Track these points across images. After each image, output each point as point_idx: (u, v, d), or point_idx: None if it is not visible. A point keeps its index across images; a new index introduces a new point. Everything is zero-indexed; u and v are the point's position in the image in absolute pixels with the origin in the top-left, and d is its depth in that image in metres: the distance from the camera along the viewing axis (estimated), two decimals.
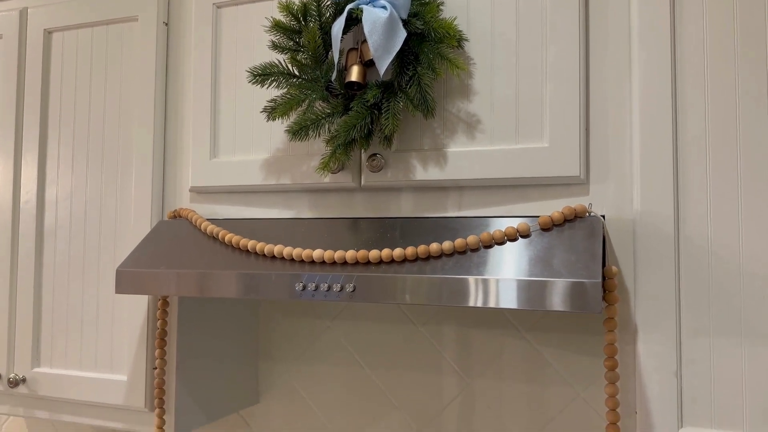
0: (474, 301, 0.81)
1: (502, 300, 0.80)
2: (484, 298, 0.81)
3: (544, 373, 1.19)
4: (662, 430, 0.84)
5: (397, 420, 1.28)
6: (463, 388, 1.24)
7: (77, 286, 1.19)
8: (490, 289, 0.81)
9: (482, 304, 0.81)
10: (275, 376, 1.37)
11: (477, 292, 0.81)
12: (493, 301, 0.81)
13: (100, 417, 1.17)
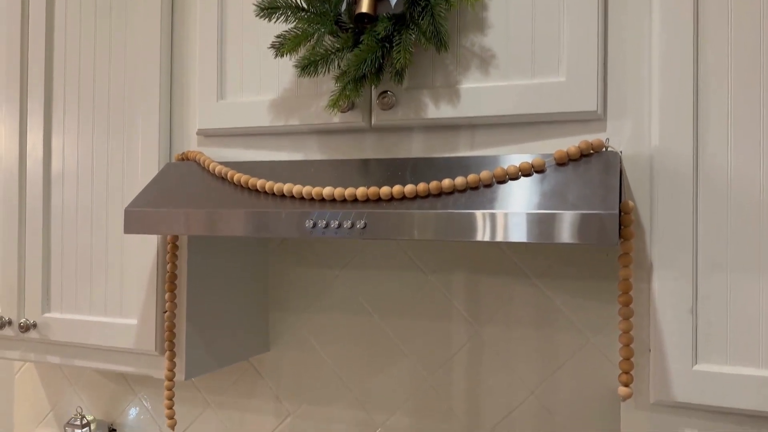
0: (484, 235, 0.80)
1: (514, 234, 0.79)
2: (496, 233, 0.80)
3: (553, 319, 1.18)
4: (676, 367, 0.83)
5: (406, 367, 1.28)
6: (472, 335, 1.23)
7: (86, 231, 1.18)
8: (502, 223, 0.79)
9: (491, 238, 0.80)
10: (285, 325, 1.37)
11: (488, 227, 0.80)
12: (504, 234, 0.79)
13: (110, 361, 1.18)
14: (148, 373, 1.15)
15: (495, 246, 1.22)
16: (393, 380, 1.29)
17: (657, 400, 0.84)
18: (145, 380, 1.50)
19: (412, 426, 1.27)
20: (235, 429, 1.41)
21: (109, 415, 1.54)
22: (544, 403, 1.18)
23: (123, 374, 1.53)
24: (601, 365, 1.15)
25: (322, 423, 1.34)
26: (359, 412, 1.31)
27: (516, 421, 1.20)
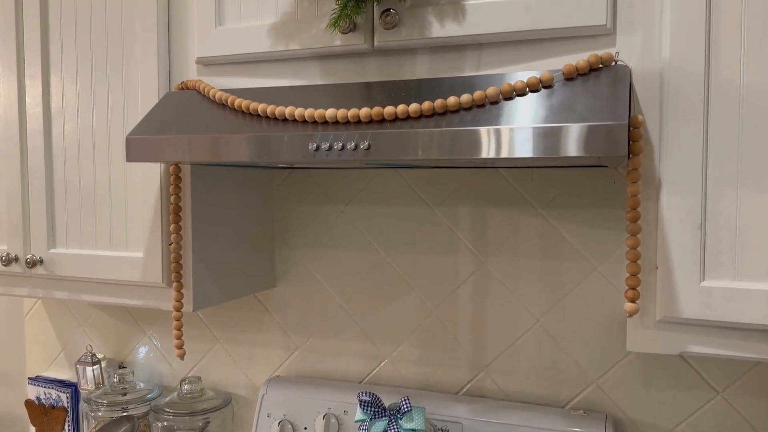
0: (489, 152, 0.78)
1: (520, 149, 0.77)
2: (501, 149, 0.78)
3: (559, 249, 1.17)
4: (683, 284, 0.83)
5: (412, 300, 1.28)
6: (477, 267, 1.23)
7: (88, 165, 1.18)
8: (508, 139, 0.78)
9: (496, 154, 0.78)
10: (291, 262, 1.38)
11: (493, 143, 0.78)
12: (509, 150, 0.77)
13: (118, 295, 1.18)
14: (156, 305, 1.15)
15: (500, 176, 1.21)
16: (399, 313, 1.30)
17: (663, 318, 0.85)
18: (154, 318, 1.52)
19: (419, 357, 1.29)
20: (244, 363, 1.43)
21: (119, 353, 1.57)
22: (549, 331, 1.19)
23: (131, 313, 1.54)
24: (607, 293, 1.15)
25: (329, 356, 1.36)
26: (366, 345, 1.33)
27: (521, 349, 1.21)
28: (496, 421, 1.14)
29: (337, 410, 1.24)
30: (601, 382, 1.16)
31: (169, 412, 1.31)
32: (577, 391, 1.18)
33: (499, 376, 1.23)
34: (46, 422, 1.54)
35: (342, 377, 1.35)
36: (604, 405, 1.16)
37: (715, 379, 1.09)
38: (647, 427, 1.13)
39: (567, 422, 1.11)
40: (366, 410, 1.06)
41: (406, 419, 1.05)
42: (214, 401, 1.36)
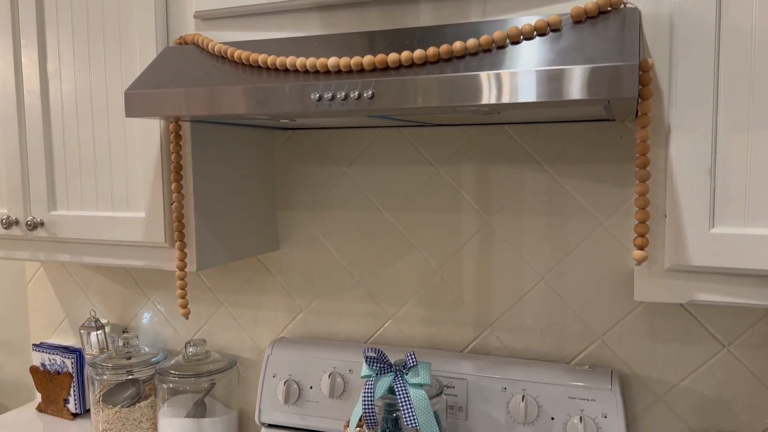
0: (490, 98, 0.76)
1: (524, 93, 0.75)
2: (503, 94, 0.76)
3: (565, 205, 1.16)
4: (693, 231, 0.82)
5: (416, 260, 1.28)
6: (482, 225, 1.22)
7: (87, 125, 1.16)
8: (508, 84, 0.76)
9: (497, 100, 0.76)
10: (294, 224, 1.37)
11: (494, 88, 0.76)
12: (512, 95, 0.76)
13: (121, 256, 1.18)
14: (160, 266, 1.15)
15: (505, 133, 1.19)
16: (403, 273, 1.29)
17: (672, 266, 0.84)
18: (157, 283, 1.51)
19: (423, 316, 1.28)
20: (249, 326, 1.43)
21: (123, 319, 1.57)
22: (554, 288, 1.18)
23: (134, 278, 1.54)
24: (613, 248, 1.14)
25: (334, 317, 1.36)
26: (370, 305, 1.32)
27: (525, 306, 1.21)
28: (501, 377, 1.14)
29: (342, 369, 1.25)
30: (607, 338, 1.16)
31: (175, 374, 1.31)
32: (582, 347, 1.18)
33: (504, 333, 1.23)
34: (52, 388, 1.55)
35: (347, 338, 1.35)
36: (610, 360, 1.16)
37: (722, 332, 1.09)
38: (653, 381, 1.13)
39: (572, 377, 1.11)
40: (372, 366, 1.06)
41: (412, 374, 1.04)
42: (220, 363, 1.36)
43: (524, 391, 1.12)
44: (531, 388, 1.12)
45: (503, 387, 1.14)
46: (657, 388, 1.13)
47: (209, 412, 1.33)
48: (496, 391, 1.14)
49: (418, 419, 1.00)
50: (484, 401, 1.14)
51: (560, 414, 1.09)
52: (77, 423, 1.51)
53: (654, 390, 1.13)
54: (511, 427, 1.12)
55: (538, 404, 1.11)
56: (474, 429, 1.14)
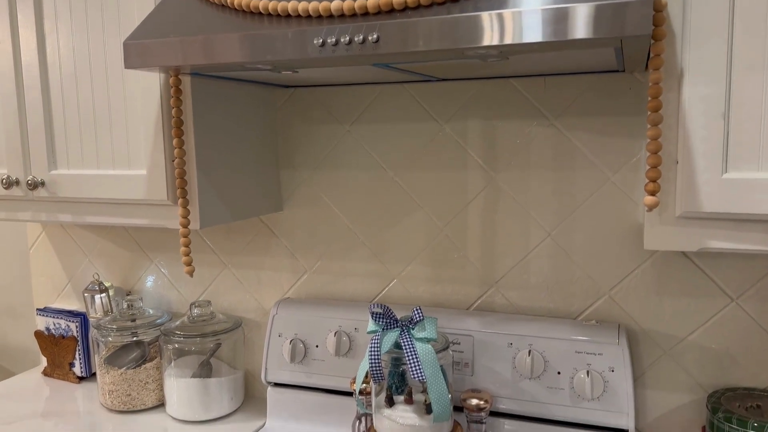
0: (492, 39, 0.74)
1: (529, 34, 0.73)
2: (505, 34, 0.74)
3: (572, 159, 1.15)
4: (705, 177, 0.81)
5: (421, 218, 1.27)
6: (488, 182, 1.21)
7: (85, 83, 1.14)
8: (511, 24, 0.74)
9: (500, 41, 0.74)
10: (297, 184, 1.35)
11: (496, 28, 0.74)
12: (515, 35, 0.73)
13: (123, 215, 1.16)
14: (163, 224, 1.14)
15: (511, 87, 1.17)
16: (408, 232, 1.28)
17: (683, 213, 0.82)
18: (160, 245, 1.51)
19: (428, 275, 1.27)
20: (253, 288, 1.43)
21: (126, 283, 1.56)
22: (560, 245, 1.17)
23: (137, 241, 1.53)
24: (621, 203, 1.13)
25: (339, 277, 1.35)
26: (375, 265, 1.32)
27: (531, 263, 1.20)
28: (507, 333, 1.14)
29: (348, 328, 1.24)
30: (614, 293, 1.15)
31: (180, 335, 1.31)
32: (588, 303, 1.17)
33: (510, 291, 1.22)
34: (57, 352, 1.55)
35: (352, 298, 1.34)
36: (617, 316, 1.15)
37: (730, 285, 1.08)
38: (660, 336, 1.13)
39: (579, 332, 1.10)
40: (378, 321, 1.06)
41: (418, 329, 1.04)
42: (225, 324, 1.36)
43: (530, 346, 1.12)
44: (537, 343, 1.11)
45: (509, 342, 1.13)
46: (664, 342, 1.13)
47: (215, 373, 1.33)
48: (502, 346, 1.14)
49: (425, 372, 1.00)
50: (490, 357, 1.14)
51: (567, 368, 1.09)
52: (83, 386, 1.51)
53: (661, 344, 1.13)
54: (517, 381, 1.12)
55: (544, 359, 1.10)
56: (480, 384, 1.14)
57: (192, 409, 1.31)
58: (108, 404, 1.37)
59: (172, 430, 1.29)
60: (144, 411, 1.37)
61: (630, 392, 1.05)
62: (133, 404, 1.36)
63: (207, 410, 1.31)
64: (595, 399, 1.07)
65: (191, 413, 1.31)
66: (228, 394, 1.33)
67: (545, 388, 1.10)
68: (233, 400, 1.35)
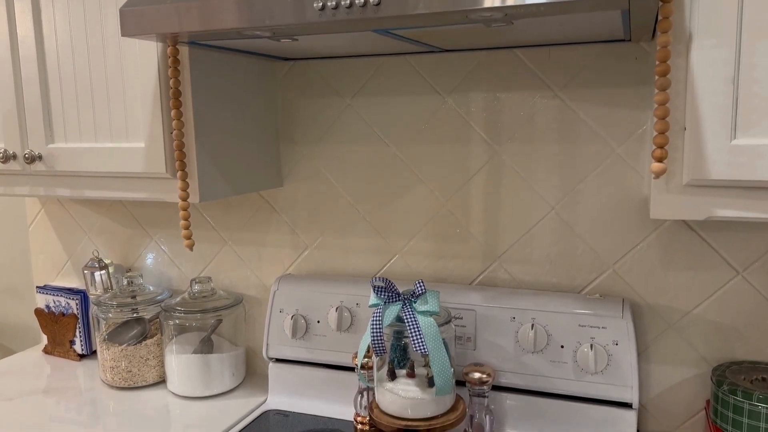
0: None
1: None
2: None
3: (577, 131, 1.13)
4: (713, 143, 0.79)
5: (422, 193, 1.25)
6: (491, 156, 1.19)
7: (82, 53, 1.12)
8: None
9: (502, 1, 0.72)
10: (297, 159, 1.34)
11: None
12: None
13: (121, 189, 1.15)
14: (162, 197, 1.12)
15: (515, 57, 1.15)
16: (410, 207, 1.27)
17: (690, 180, 0.81)
18: (160, 222, 1.50)
19: (430, 250, 1.26)
20: (254, 264, 1.42)
21: (126, 260, 1.55)
22: (564, 218, 1.16)
23: (136, 218, 1.52)
24: (626, 175, 1.11)
25: (340, 253, 1.34)
26: (377, 241, 1.30)
27: (535, 237, 1.18)
28: (509, 307, 1.13)
29: (349, 303, 1.23)
30: (618, 267, 1.14)
31: (180, 311, 1.30)
32: (592, 277, 1.16)
33: (513, 265, 1.21)
34: (57, 330, 1.55)
35: (353, 274, 1.33)
36: (621, 290, 1.14)
37: (736, 258, 1.07)
38: (664, 310, 1.12)
39: (582, 306, 1.09)
40: (379, 295, 1.05)
41: (421, 302, 1.03)
42: (226, 300, 1.35)
43: (533, 320, 1.11)
44: (540, 317, 1.10)
45: (512, 317, 1.12)
46: (669, 316, 1.12)
47: (216, 349, 1.32)
48: (505, 320, 1.13)
49: (427, 345, 0.99)
50: (493, 331, 1.13)
51: (570, 342, 1.08)
52: (84, 364, 1.51)
53: (666, 318, 1.12)
54: (519, 355, 1.11)
55: (547, 333, 1.10)
56: (482, 358, 1.14)
57: (193, 385, 1.30)
58: (109, 381, 1.37)
59: (173, 405, 1.29)
60: (145, 387, 1.37)
61: (634, 366, 1.04)
62: (134, 381, 1.36)
63: (208, 386, 1.31)
64: (598, 373, 1.06)
65: (192, 389, 1.30)
66: (229, 370, 1.33)
67: (548, 362, 1.09)
68: (234, 376, 1.34)
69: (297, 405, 1.27)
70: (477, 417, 1.09)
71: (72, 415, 1.24)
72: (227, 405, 1.28)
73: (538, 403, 1.11)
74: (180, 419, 1.23)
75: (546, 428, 1.11)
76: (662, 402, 1.14)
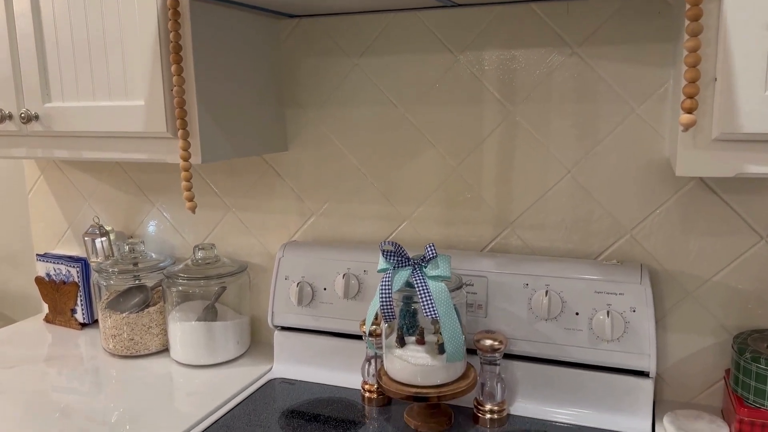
0: None
1: None
2: None
3: (596, 90, 1.08)
4: (745, 95, 0.74)
5: (433, 157, 1.21)
6: (505, 117, 1.14)
7: (78, 7, 1.07)
8: None
9: None
10: (302, 122, 1.29)
11: None
12: None
13: (120, 150, 1.11)
14: (162, 158, 1.08)
15: (532, 12, 1.09)
16: (419, 172, 1.22)
17: (720, 134, 0.76)
18: (162, 188, 1.46)
19: (440, 216, 1.22)
20: (258, 232, 1.38)
21: (128, 228, 1.52)
22: (580, 182, 1.12)
23: (138, 184, 1.48)
24: (646, 136, 1.07)
25: (347, 220, 1.30)
26: (385, 207, 1.26)
27: (550, 202, 1.14)
28: (523, 273, 1.09)
29: (356, 270, 1.20)
30: (636, 233, 1.10)
31: (184, 277, 1.27)
32: (609, 243, 1.12)
33: (526, 232, 1.17)
34: (58, 298, 1.52)
35: (360, 241, 1.30)
36: (639, 256, 1.10)
37: (759, 222, 1.03)
38: (684, 276, 1.08)
39: (599, 272, 1.06)
40: (389, 259, 1.01)
41: (431, 266, 0.99)
42: (230, 267, 1.32)
43: (547, 286, 1.07)
44: (555, 283, 1.07)
45: (525, 283, 1.09)
46: (688, 283, 1.08)
47: (220, 317, 1.29)
48: (518, 287, 1.09)
49: (438, 310, 0.96)
50: (505, 298, 1.10)
51: (585, 309, 1.05)
52: (85, 333, 1.48)
53: (685, 286, 1.08)
54: (532, 323, 1.08)
55: (561, 300, 1.06)
56: (494, 326, 1.10)
57: (197, 353, 1.27)
58: (111, 349, 1.34)
59: (177, 374, 1.26)
60: (148, 356, 1.34)
61: (652, 333, 1.01)
62: (136, 349, 1.33)
63: (212, 354, 1.28)
64: (614, 340, 1.03)
65: (196, 357, 1.28)
66: (234, 338, 1.30)
67: (562, 330, 1.06)
68: (239, 344, 1.32)
69: (303, 373, 1.25)
70: (488, 385, 1.06)
71: (74, 384, 1.22)
72: (232, 373, 1.25)
73: (550, 372, 1.08)
74: (183, 387, 1.20)
75: (559, 397, 1.08)
76: (679, 371, 1.11)
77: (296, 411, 1.11)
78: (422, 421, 1.05)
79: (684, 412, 1.03)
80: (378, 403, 1.13)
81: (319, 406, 1.12)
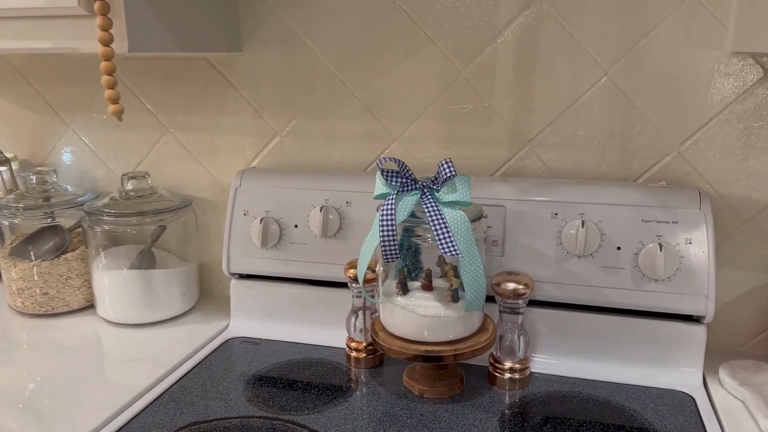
0: None
1: None
2: None
3: None
4: None
5: (431, 58, 0.96)
6: (526, 4, 0.90)
7: None
8: None
9: None
10: (261, 13, 1.01)
11: None
12: None
13: (17, 36, 0.80)
14: (74, 45, 0.79)
15: None
16: (413, 77, 0.97)
17: None
18: (79, 105, 1.15)
19: (439, 134, 0.99)
20: (206, 158, 1.10)
21: (36, 155, 1.20)
22: (620, 86, 0.90)
23: (47, 101, 1.16)
24: (705, 26, 0.85)
25: (320, 141, 1.04)
26: (369, 123, 1.01)
27: (579, 113, 0.92)
28: (550, 200, 0.88)
29: (337, 202, 0.95)
30: (685, 149, 0.90)
31: (110, 214, 0.99)
32: (650, 164, 0.92)
33: (548, 151, 0.95)
34: None
35: (337, 167, 1.05)
36: (687, 178, 0.91)
37: None
38: (740, 201, 0.89)
39: (646, 196, 0.85)
40: (390, 181, 0.77)
41: (447, 189, 0.76)
42: (169, 201, 1.04)
43: (582, 216, 0.86)
44: (591, 211, 0.86)
45: (553, 212, 0.87)
46: (745, 210, 0.89)
47: (159, 265, 1.03)
48: (544, 218, 0.88)
49: (458, 246, 0.73)
50: (527, 232, 0.88)
51: (630, 242, 0.84)
52: None
53: (741, 213, 0.90)
54: (562, 261, 0.87)
55: (600, 232, 0.85)
56: (513, 266, 0.89)
57: (133, 309, 1.01)
58: (19, 307, 1.05)
59: (107, 336, 0.99)
60: (68, 314, 1.06)
61: (712, 270, 0.82)
62: (52, 305, 1.05)
63: (152, 310, 1.02)
64: (665, 280, 0.84)
65: (132, 315, 1.01)
66: (178, 290, 1.04)
67: (599, 269, 0.86)
68: (186, 297, 1.06)
69: (269, 331, 1.00)
70: (508, 339, 0.86)
71: None
72: (177, 333, 1.00)
73: (583, 320, 0.88)
74: (116, 352, 0.94)
75: (591, 350, 0.88)
76: (728, 315, 0.93)
77: (264, 377, 0.87)
78: (428, 385, 0.83)
79: (741, 363, 0.86)
80: (367, 364, 0.91)
81: (293, 371, 0.89)
